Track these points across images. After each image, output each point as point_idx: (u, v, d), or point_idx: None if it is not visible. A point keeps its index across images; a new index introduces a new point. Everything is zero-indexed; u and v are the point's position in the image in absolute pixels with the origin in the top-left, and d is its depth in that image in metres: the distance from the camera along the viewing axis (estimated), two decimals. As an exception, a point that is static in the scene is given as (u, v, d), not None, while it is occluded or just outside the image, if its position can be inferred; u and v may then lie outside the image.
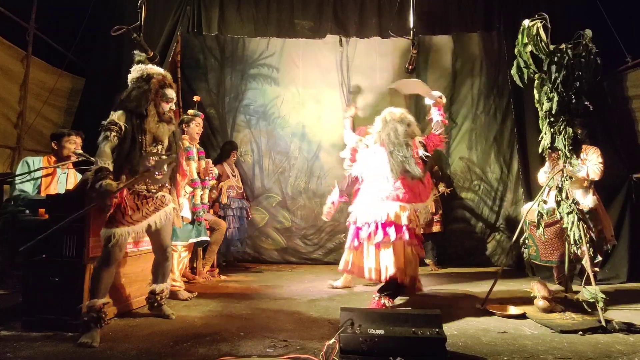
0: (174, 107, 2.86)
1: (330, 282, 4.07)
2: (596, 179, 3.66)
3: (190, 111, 3.88)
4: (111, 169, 2.48)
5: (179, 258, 3.60)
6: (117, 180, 2.55)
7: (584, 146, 3.73)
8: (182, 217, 3.50)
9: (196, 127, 3.82)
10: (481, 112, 5.83)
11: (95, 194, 2.39)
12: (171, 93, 2.81)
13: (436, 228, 5.26)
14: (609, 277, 4.23)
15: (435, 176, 5.44)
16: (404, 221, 3.16)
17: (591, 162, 3.65)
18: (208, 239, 3.85)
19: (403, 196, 3.25)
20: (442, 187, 5.40)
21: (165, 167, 2.72)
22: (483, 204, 5.77)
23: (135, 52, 2.87)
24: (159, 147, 2.76)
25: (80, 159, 3.30)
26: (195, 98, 4.12)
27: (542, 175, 3.91)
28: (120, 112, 2.62)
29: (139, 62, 2.80)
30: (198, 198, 3.71)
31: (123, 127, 2.57)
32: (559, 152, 3.00)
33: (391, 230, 3.15)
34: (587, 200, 3.65)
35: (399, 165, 3.26)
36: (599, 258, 3.44)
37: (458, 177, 5.84)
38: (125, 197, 2.59)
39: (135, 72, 2.76)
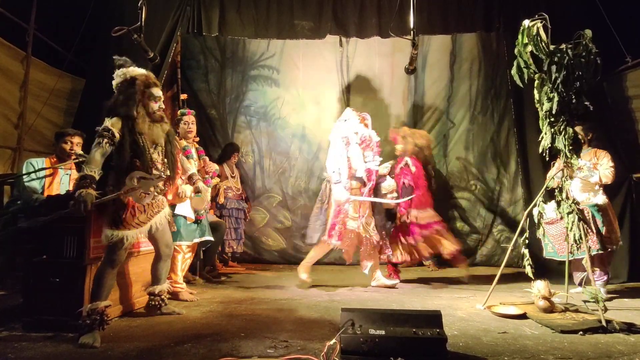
0: (162, 106, 2.83)
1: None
2: (608, 182, 3.69)
3: (178, 111, 3.87)
4: (97, 177, 2.46)
5: (183, 259, 3.59)
6: (122, 184, 2.55)
7: (594, 150, 3.79)
8: (186, 217, 3.51)
9: (184, 125, 3.70)
10: (479, 112, 5.84)
11: (72, 201, 2.36)
12: (157, 92, 2.78)
13: None
14: (609, 277, 4.23)
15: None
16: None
17: (602, 167, 3.68)
18: (212, 238, 3.84)
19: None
20: (433, 186, 5.40)
21: (151, 187, 2.68)
22: (480, 204, 5.78)
23: (115, 56, 2.82)
24: (159, 148, 2.76)
25: (80, 159, 3.29)
26: (182, 96, 4.11)
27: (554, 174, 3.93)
28: (115, 118, 2.60)
29: (120, 65, 2.75)
30: None
31: (117, 134, 2.55)
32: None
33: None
34: (598, 199, 3.67)
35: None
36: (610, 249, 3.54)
37: (455, 177, 5.86)
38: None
39: (118, 77, 2.73)
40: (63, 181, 3.44)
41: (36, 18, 4.72)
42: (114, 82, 2.76)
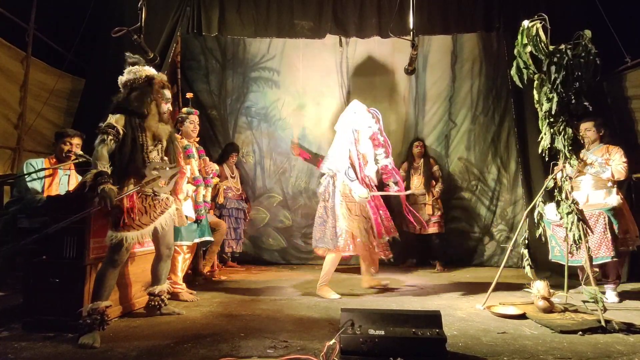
0: (170, 108, 2.90)
1: None
2: (622, 178, 3.59)
3: (183, 109, 3.87)
4: (109, 172, 2.50)
5: (183, 259, 3.58)
6: (121, 183, 2.58)
7: (606, 146, 3.73)
8: (186, 216, 3.51)
9: (190, 124, 3.74)
10: (480, 112, 5.85)
11: (97, 198, 2.40)
12: (169, 94, 2.88)
13: (433, 229, 5.28)
14: (620, 281, 4.20)
15: (434, 177, 5.46)
16: None
17: (615, 162, 3.60)
18: (211, 238, 3.84)
19: None
20: (438, 188, 5.41)
21: (169, 177, 2.73)
22: (481, 204, 5.79)
23: (127, 54, 2.88)
24: (159, 146, 2.78)
25: (80, 159, 3.30)
26: (188, 95, 4.12)
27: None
28: (119, 115, 2.62)
29: (133, 63, 2.81)
30: (201, 196, 3.70)
31: (121, 131, 2.58)
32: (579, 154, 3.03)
33: None
34: (611, 199, 3.56)
35: None
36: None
37: (456, 178, 5.87)
38: (134, 200, 2.61)
39: (130, 73, 2.76)
40: (62, 182, 3.44)
41: (36, 18, 4.72)
42: (122, 78, 2.79)
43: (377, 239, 3.72)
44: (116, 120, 2.60)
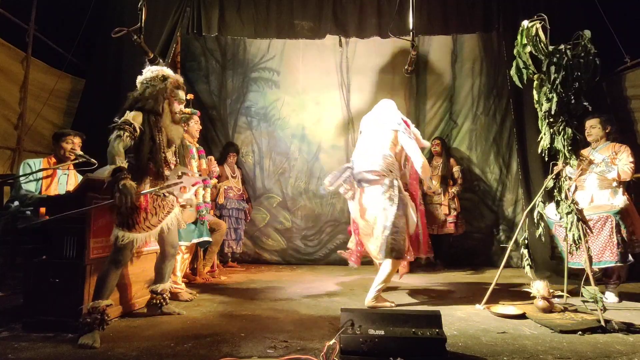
0: (183, 110, 2.90)
1: None
2: (628, 179, 3.51)
3: (187, 110, 3.87)
4: (127, 168, 2.46)
5: (182, 259, 3.59)
6: (137, 183, 2.54)
7: (613, 144, 3.64)
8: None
9: (195, 124, 3.86)
10: (481, 112, 5.85)
11: (117, 193, 2.35)
12: (183, 95, 2.87)
13: (449, 229, 5.28)
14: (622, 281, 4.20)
15: (452, 177, 5.45)
16: None
17: (621, 162, 3.51)
18: (210, 239, 3.85)
19: None
20: (454, 188, 5.39)
21: (191, 185, 2.70)
22: (483, 204, 5.79)
23: (147, 52, 2.93)
24: (173, 148, 2.77)
25: (80, 160, 3.29)
26: (189, 96, 4.14)
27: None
28: (136, 112, 2.59)
29: (154, 62, 2.85)
30: (200, 197, 3.71)
31: (138, 129, 2.55)
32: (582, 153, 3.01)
33: None
34: (617, 200, 3.47)
35: None
36: (631, 259, 3.36)
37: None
38: (148, 201, 2.61)
39: (150, 72, 2.77)
40: (61, 181, 3.44)
41: (36, 18, 4.73)
42: (141, 77, 2.78)
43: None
44: (133, 117, 2.56)
